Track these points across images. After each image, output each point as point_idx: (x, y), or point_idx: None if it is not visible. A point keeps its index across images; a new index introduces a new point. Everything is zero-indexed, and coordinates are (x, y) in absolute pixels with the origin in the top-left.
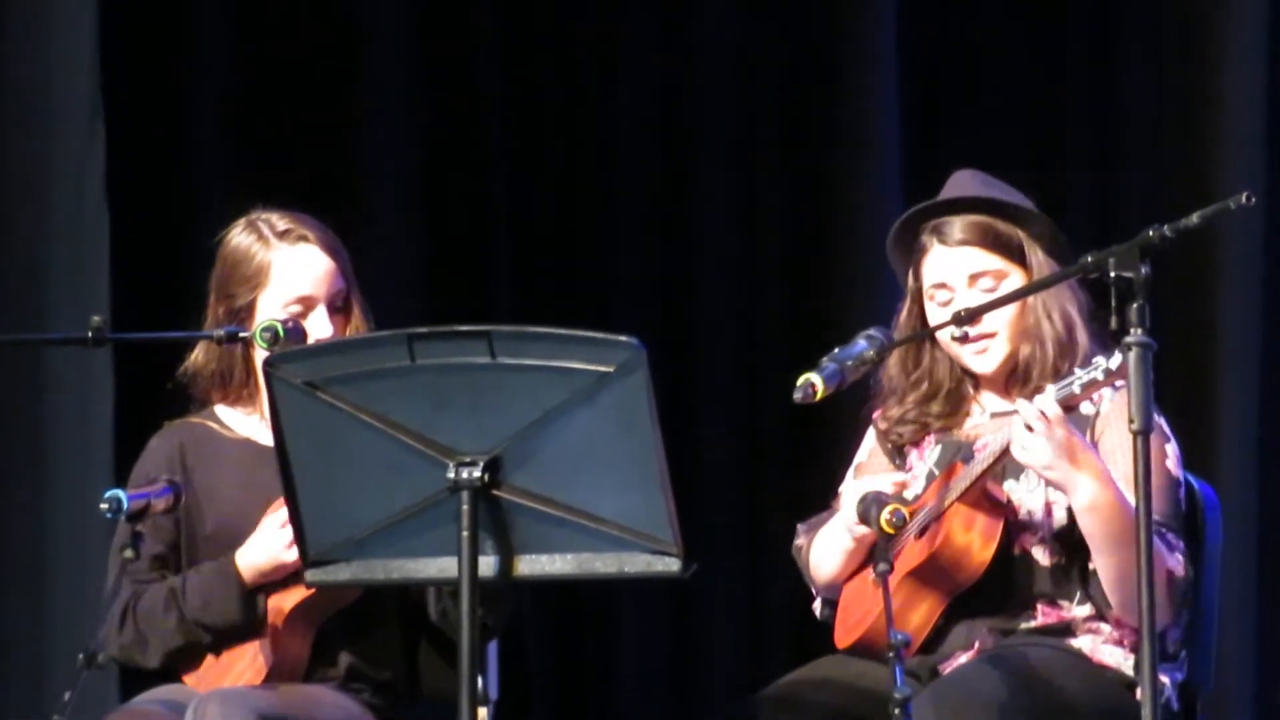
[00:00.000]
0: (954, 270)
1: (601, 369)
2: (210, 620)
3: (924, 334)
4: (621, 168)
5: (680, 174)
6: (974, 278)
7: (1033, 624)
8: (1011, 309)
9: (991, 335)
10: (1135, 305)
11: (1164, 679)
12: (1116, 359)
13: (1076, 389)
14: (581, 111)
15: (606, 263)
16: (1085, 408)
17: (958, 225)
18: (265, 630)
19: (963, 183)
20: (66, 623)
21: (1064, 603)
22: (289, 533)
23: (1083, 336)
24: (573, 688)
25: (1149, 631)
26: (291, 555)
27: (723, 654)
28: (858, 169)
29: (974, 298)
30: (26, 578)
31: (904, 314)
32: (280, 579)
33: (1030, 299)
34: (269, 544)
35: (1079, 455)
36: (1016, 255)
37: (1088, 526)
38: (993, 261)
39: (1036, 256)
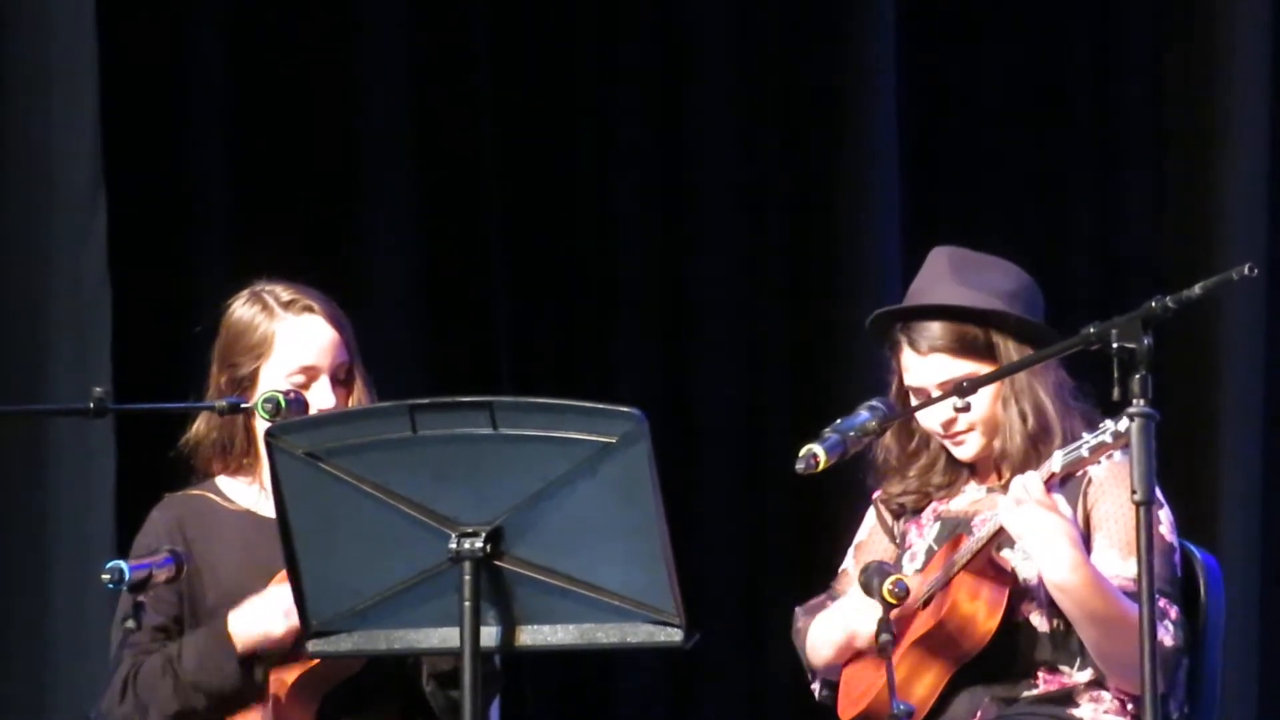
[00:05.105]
0: (926, 378)
1: (603, 440)
2: (205, 682)
3: (925, 405)
4: (622, 238)
5: (682, 243)
6: (944, 385)
7: (1034, 691)
8: (986, 404)
9: (968, 430)
10: (1138, 376)
11: None
12: (1124, 422)
13: (1085, 452)
14: (582, 178)
15: (609, 332)
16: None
17: (926, 335)
18: (268, 702)
19: (936, 270)
20: (66, 693)
21: (1064, 668)
22: (285, 604)
23: (1058, 421)
24: None
25: (1151, 703)
26: (281, 628)
27: None
28: (859, 242)
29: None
30: (27, 648)
31: (895, 388)
32: (272, 649)
33: (1004, 391)
34: (262, 612)
35: (1055, 534)
36: (986, 354)
37: (1061, 603)
38: (962, 367)
39: (1007, 350)
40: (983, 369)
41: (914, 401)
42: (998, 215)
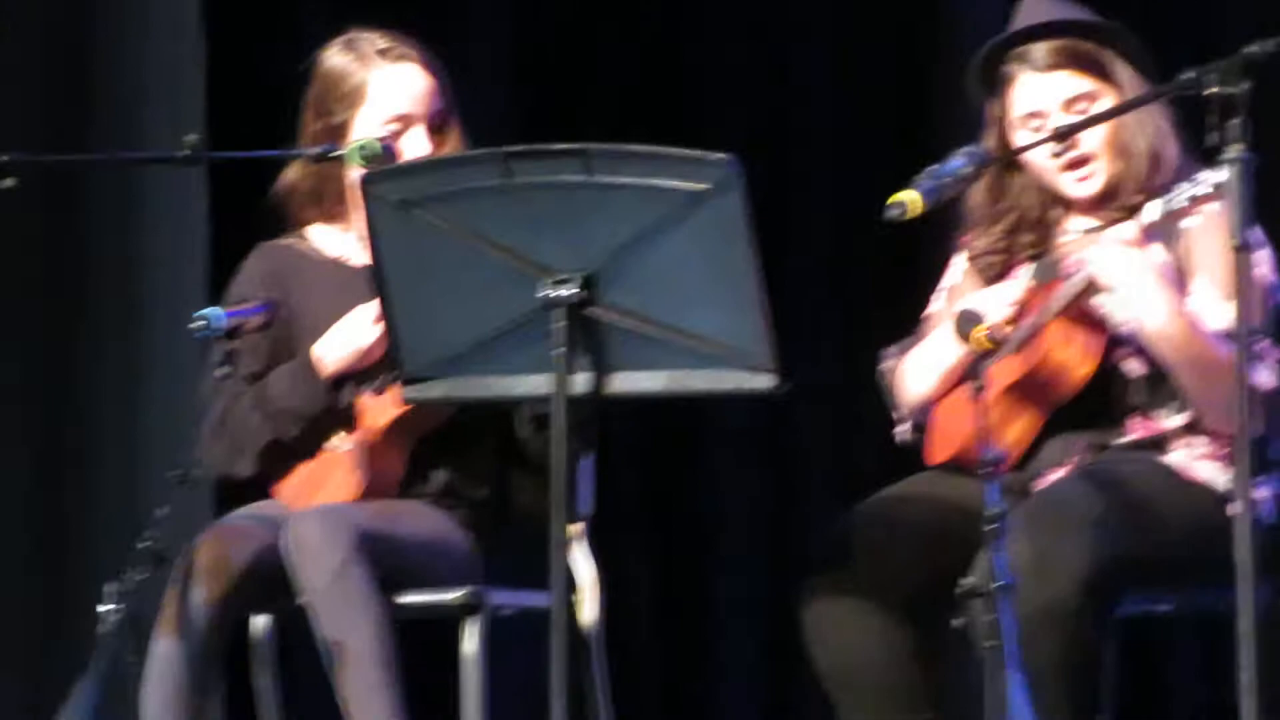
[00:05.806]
0: (1048, 97)
1: (698, 187)
2: (293, 406)
3: (1024, 149)
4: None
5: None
6: (1069, 103)
7: (1127, 438)
8: (1105, 128)
9: (1093, 158)
10: (1236, 120)
11: (1260, 494)
12: (1224, 172)
13: (1185, 201)
14: None
15: (701, 70)
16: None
17: (1044, 49)
18: (359, 445)
19: (1035, 8)
20: (160, 442)
21: (1158, 414)
22: (370, 314)
23: (1173, 152)
24: (665, 506)
25: (1243, 445)
26: (370, 336)
27: (817, 471)
28: None
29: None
30: (119, 396)
31: (994, 140)
32: (364, 363)
33: (1123, 120)
34: (348, 328)
35: (1151, 281)
36: (1106, 75)
37: (1156, 349)
38: (1085, 83)
39: (1125, 74)
40: (1104, 90)
41: (1030, 135)
42: None
